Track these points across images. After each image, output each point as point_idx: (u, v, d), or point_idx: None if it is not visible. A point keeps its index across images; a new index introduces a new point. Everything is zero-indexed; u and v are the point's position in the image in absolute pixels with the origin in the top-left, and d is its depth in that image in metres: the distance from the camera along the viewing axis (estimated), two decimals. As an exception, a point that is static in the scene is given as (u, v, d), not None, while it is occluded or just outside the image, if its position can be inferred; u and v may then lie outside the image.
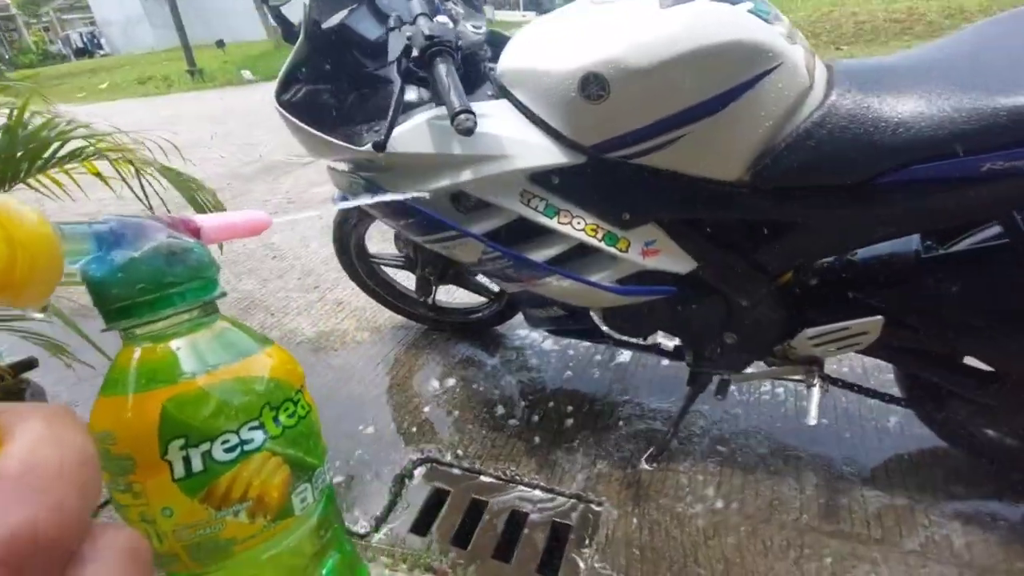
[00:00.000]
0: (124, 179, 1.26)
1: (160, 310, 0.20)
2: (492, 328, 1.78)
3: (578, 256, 1.01)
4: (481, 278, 1.67)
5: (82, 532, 0.13)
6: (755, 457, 1.23)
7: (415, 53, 0.80)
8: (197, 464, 0.19)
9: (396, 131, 0.96)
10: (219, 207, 1.37)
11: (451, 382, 1.60)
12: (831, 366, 1.40)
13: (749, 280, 0.96)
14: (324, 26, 1.00)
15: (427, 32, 0.81)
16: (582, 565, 1.07)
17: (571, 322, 1.24)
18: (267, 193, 3.29)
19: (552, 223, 0.96)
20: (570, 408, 1.43)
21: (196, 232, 0.22)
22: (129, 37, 19.68)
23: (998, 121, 0.65)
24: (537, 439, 1.35)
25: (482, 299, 1.74)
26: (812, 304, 0.98)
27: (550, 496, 1.22)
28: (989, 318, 0.84)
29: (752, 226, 0.91)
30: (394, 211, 1.06)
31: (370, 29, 1.03)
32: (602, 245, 0.96)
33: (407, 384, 1.61)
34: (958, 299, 0.85)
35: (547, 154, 0.91)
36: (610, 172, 0.91)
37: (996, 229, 0.84)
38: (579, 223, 0.96)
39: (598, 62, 0.77)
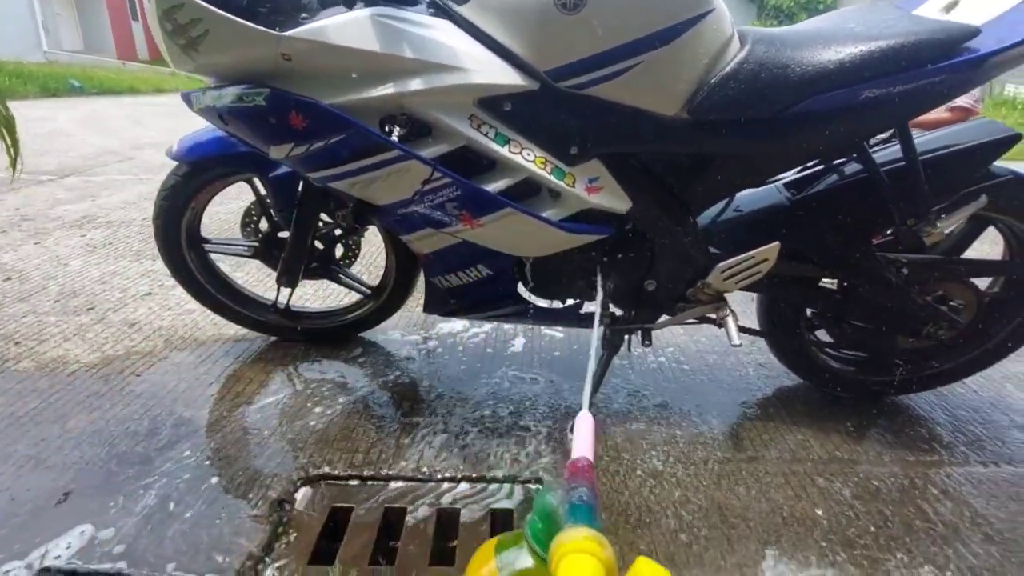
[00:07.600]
0: None
1: None
2: (359, 335, 1.54)
3: (521, 195, 0.97)
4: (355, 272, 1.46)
5: None
6: (664, 409, 1.29)
7: None
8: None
9: (332, 21, 0.81)
10: None
11: (325, 390, 1.31)
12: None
13: (676, 218, 1.04)
14: None
15: None
16: (540, 545, 0.93)
17: (490, 288, 1.16)
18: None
19: (504, 152, 0.91)
20: (478, 398, 1.30)
21: None
22: None
23: (872, 56, 0.87)
24: (449, 432, 1.18)
25: (354, 298, 1.51)
26: (717, 246, 1.11)
27: (480, 486, 1.06)
28: (847, 241, 1.07)
29: (681, 166, 1.01)
30: (303, 130, 0.87)
31: None
32: (551, 179, 0.94)
33: (259, 400, 1.26)
34: (824, 228, 1.07)
35: (503, 74, 0.87)
36: (561, 103, 0.91)
37: (835, 177, 1.10)
38: (529, 154, 0.93)
39: None
